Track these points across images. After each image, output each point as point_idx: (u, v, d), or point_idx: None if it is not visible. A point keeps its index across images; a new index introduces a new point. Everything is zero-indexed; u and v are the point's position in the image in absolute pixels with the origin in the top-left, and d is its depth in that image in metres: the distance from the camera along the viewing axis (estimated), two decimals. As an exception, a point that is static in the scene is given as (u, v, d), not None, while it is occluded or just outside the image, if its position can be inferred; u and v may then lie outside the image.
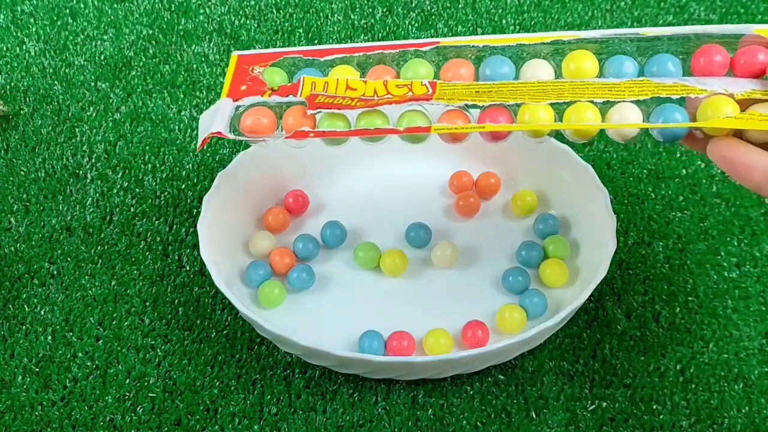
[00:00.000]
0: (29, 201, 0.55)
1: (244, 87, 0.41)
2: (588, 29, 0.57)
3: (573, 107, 0.37)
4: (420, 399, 0.45)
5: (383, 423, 0.44)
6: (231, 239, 0.51)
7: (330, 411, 0.45)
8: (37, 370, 0.46)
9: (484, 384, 0.45)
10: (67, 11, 0.69)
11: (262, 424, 0.44)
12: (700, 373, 0.46)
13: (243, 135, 0.40)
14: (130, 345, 0.47)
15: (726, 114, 0.35)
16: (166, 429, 0.44)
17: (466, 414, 0.44)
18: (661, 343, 0.47)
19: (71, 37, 0.67)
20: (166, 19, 0.69)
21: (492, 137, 0.39)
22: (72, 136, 0.59)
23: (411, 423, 0.44)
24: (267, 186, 0.54)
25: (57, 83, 0.63)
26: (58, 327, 0.48)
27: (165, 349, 0.47)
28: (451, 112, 0.38)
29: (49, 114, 0.61)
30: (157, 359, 0.47)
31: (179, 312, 0.49)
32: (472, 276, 0.50)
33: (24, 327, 0.48)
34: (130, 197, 0.55)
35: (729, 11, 0.69)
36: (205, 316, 0.49)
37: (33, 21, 0.69)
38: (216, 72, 0.64)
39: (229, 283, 0.47)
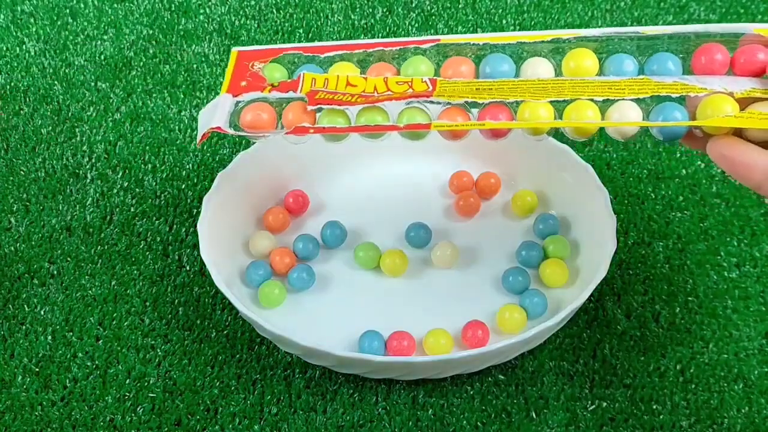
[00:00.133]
0: (29, 201, 0.55)
1: (243, 83, 0.40)
2: (588, 29, 0.57)
3: (573, 105, 0.37)
4: (420, 399, 0.45)
5: (383, 423, 0.44)
6: (231, 239, 0.51)
7: (330, 411, 0.45)
8: (37, 370, 0.46)
9: (484, 384, 0.45)
10: (67, 11, 0.69)
11: (262, 424, 0.44)
12: (700, 373, 0.46)
13: (243, 130, 0.40)
14: (130, 345, 0.47)
15: (725, 113, 0.35)
16: (166, 429, 0.44)
17: (466, 414, 0.44)
18: (661, 343, 0.47)
19: (71, 37, 0.67)
20: (166, 19, 0.69)
21: (492, 134, 0.39)
22: (72, 136, 0.59)
23: (411, 423, 0.44)
24: (267, 186, 0.54)
25: (57, 83, 0.63)
26: (58, 327, 0.48)
27: (165, 349, 0.47)
28: (451, 109, 0.38)
29: (49, 114, 0.61)
30: (157, 359, 0.47)
31: (179, 312, 0.49)
32: (472, 276, 0.50)
33: (24, 327, 0.48)
34: (130, 197, 0.55)
35: (729, 11, 0.69)
36: (205, 316, 0.49)
37: (33, 21, 0.69)
38: (216, 72, 0.64)
39: (229, 283, 0.47)
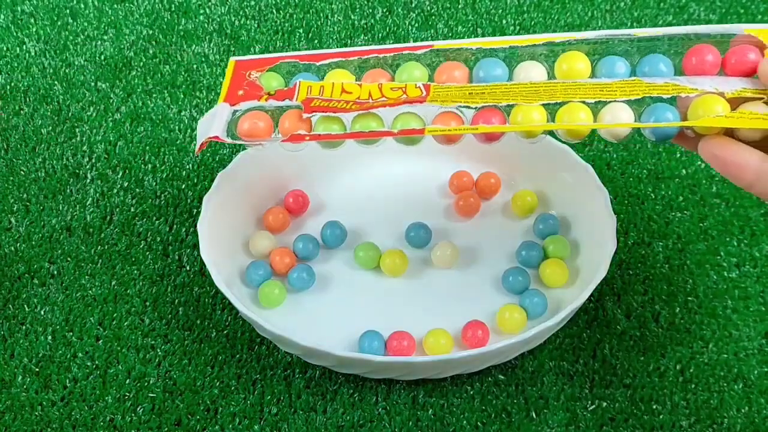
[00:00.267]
0: (29, 201, 0.55)
1: (241, 92, 0.41)
2: (588, 29, 0.57)
3: (565, 107, 0.37)
4: (420, 399, 0.45)
5: (383, 423, 0.44)
6: (231, 239, 0.51)
7: (330, 411, 0.45)
8: (37, 370, 0.46)
9: (484, 384, 0.45)
10: (67, 11, 0.69)
11: (262, 424, 0.44)
12: (699, 373, 0.46)
13: (240, 139, 0.40)
14: (130, 345, 0.47)
15: (716, 113, 0.35)
16: (166, 429, 0.44)
17: (466, 414, 0.44)
18: (661, 343, 0.47)
19: (71, 37, 0.67)
20: (166, 19, 0.69)
21: (486, 138, 0.39)
22: (72, 136, 0.59)
23: (411, 423, 0.44)
24: (267, 186, 0.54)
25: (57, 83, 0.63)
26: (58, 327, 0.48)
27: (165, 349, 0.47)
28: (445, 114, 0.39)
29: (49, 114, 0.61)
30: (157, 359, 0.47)
31: (179, 312, 0.49)
32: (472, 276, 0.50)
33: (24, 327, 0.48)
34: (130, 197, 0.55)
35: (729, 11, 0.69)
36: (205, 316, 0.49)
37: (33, 21, 0.69)
38: (216, 72, 0.64)
39: (229, 283, 0.47)
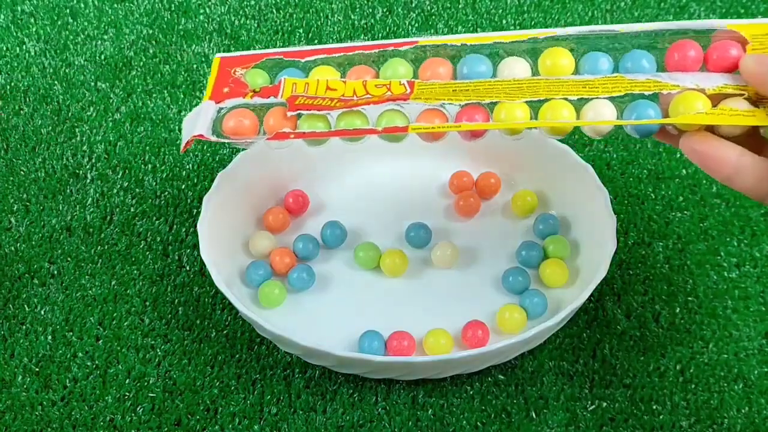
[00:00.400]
0: (29, 201, 0.55)
1: (226, 89, 0.41)
2: (564, 28, 0.57)
3: (548, 104, 0.38)
4: (420, 399, 0.45)
5: (383, 423, 0.44)
6: (231, 239, 0.51)
7: (330, 411, 0.45)
8: (37, 370, 0.46)
9: (484, 384, 0.45)
10: (67, 11, 0.69)
11: (262, 424, 0.44)
12: (699, 374, 0.46)
13: (225, 137, 0.40)
14: (130, 345, 0.47)
15: (697, 109, 0.35)
16: (166, 429, 0.44)
17: (466, 414, 0.44)
18: (661, 343, 0.47)
19: (71, 37, 0.67)
20: (166, 19, 0.69)
21: (470, 135, 0.40)
22: (72, 136, 0.59)
23: (411, 423, 0.44)
24: (267, 186, 0.54)
25: (57, 83, 0.63)
26: (58, 327, 0.48)
27: (165, 349, 0.47)
28: (429, 111, 0.39)
29: (49, 114, 0.61)
30: (157, 359, 0.47)
31: (179, 312, 0.49)
32: (472, 276, 0.50)
33: (24, 327, 0.48)
34: (130, 197, 0.55)
35: (729, 11, 0.69)
36: (205, 316, 0.49)
37: (33, 21, 0.69)
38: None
39: (229, 283, 0.47)
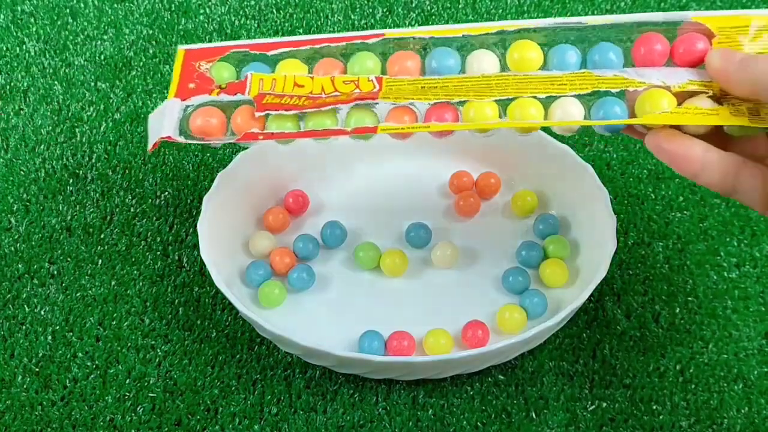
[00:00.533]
0: (29, 201, 0.55)
1: (192, 85, 0.41)
2: (533, 20, 0.57)
3: (516, 102, 0.38)
4: (420, 399, 0.45)
5: (384, 423, 0.44)
6: (231, 239, 0.51)
7: (330, 411, 0.45)
8: (37, 370, 0.46)
9: (484, 384, 0.45)
10: (67, 11, 0.69)
11: (262, 424, 0.44)
12: (699, 374, 0.46)
13: (193, 137, 0.40)
14: (130, 345, 0.47)
15: (662, 107, 0.36)
16: (166, 429, 0.44)
17: (466, 414, 0.44)
18: (661, 344, 0.47)
19: (71, 37, 0.67)
20: (166, 19, 0.69)
21: (439, 133, 0.40)
22: (72, 136, 0.59)
23: (411, 423, 0.44)
24: (267, 186, 0.54)
25: (57, 83, 0.63)
26: (58, 327, 0.48)
27: (165, 349, 0.47)
28: (398, 108, 0.39)
29: (49, 114, 0.61)
30: (158, 359, 0.47)
31: (179, 312, 0.49)
32: (472, 276, 0.50)
33: (24, 327, 0.48)
34: (130, 197, 0.55)
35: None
36: (205, 316, 0.49)
37: (33, 21, 0.69)
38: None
39: (229, 283, 0.47)
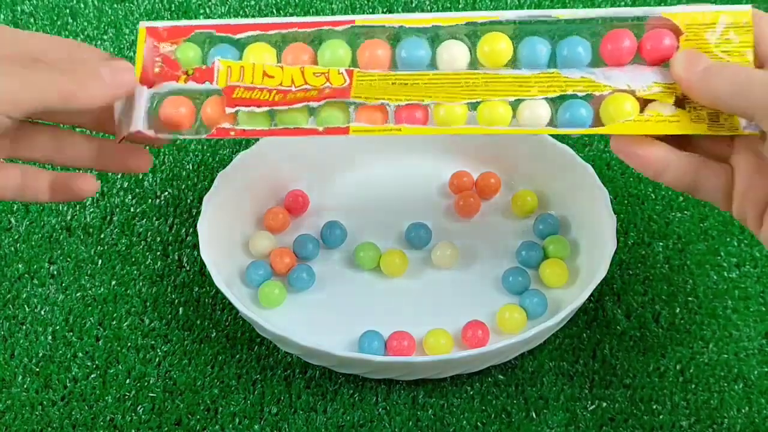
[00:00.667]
0: (29, 201, 0.55)
1: (157, 69, 0.40)
2: (503, 11, 0.56)
3: (486, 102, 0.38)
4: (420, 399, 0.45)
5: (383, 423, 0.44)
6: (231, 239, 0.51)
7: (330, 411, 0.45)
8: (37, 370, 0.46)
9: (484, 384, 0.46)
10: (67, 11, 0.69)
11: (262, 424, 0.44)
12: (699, 374, 0.46)
13: (163, 130, 0.39)
14: (130, 345, 0.47)
15: (626, 110, 0.37)
16: (166, 429, 0.44)
17: (466, 414, 0.44)
18: (661, 344, 0.47)
19: (71, 37, 0.67)
20: (166, 19, 0.69)
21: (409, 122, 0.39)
22: (72, 136, 0.59)
23: (411, 423, 0.44)
24: (267, 186, 0.54)
25: (57, 83, 0.63)
26: (58, 327, 0.48)
27: (165, 349, 0.47)
28: (370, 106, 0.39)
29: (49, 114, 0.61)
30: (157, 359, 0.47)
31: (179, 312, 0.49)
32: (472, 276, 0.50)
33: (24, 327, 0.48)
34: (130, 197, 0.55)
35: (729, 11, 0.69)
36: (205, 316, 0.49)
37: (33, 21, 0.69)
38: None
39: (229, 283, 0.47)
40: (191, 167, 0.57)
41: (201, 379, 0.46)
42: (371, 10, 0.69)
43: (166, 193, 0.55)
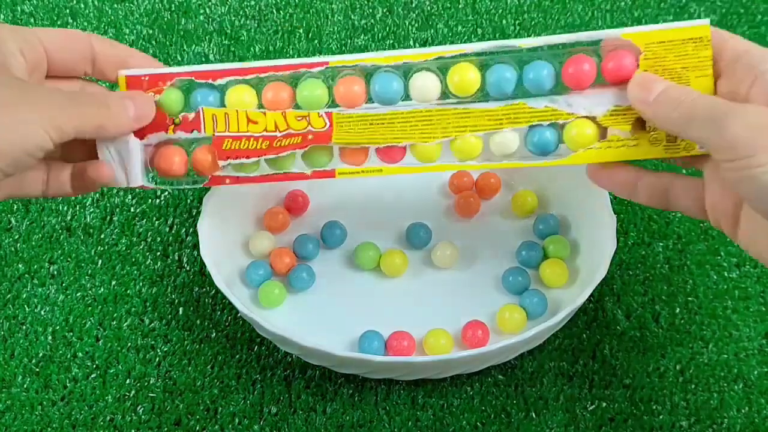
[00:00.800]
0: (29, 201, 0.55)
1: None
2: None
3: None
4: (420, 399, 0.45)
5: (383, 423, 0.44)
6: (231, 239, 0.51)
7: (330, 411, 0.45)
8: (37, 370, 0.46)
9: (484, 384, 0.46)
10: (67, 11, 0.69)
11: (262, 424, 0.44)
12: (699, 374, 0.46)
13: (163, 181, 0.42)
14: (130, 345, 0.47)
15: (587, 134, 0.39)
16: (166, 429, 0.44)
17: (466, 414, 0.44)
18: (661, 344, 0.47)
19: (71, 37, 0.67)
20: (166, 19, 0.69)
21: (387, 160, 0.42)
22: (72, 136, 0.59)
23: (411, 423, 0.44)
24: (267, 186, 0.53)
25: (57, 83, 0.63)
26: (58, 327, 0.48)
27: (165, 349, 0.47)
28: (351, 150, 0.41)
29: (49, 114, 0.61)
30: (157, 359, 0.47)
31: (179, 312, 0.49)
32: (472, 276, 0.50)
33: (24, 327, 0.48)
34: (130, 197, 0.55)
35: (729, 11, 0.69)
36: (205, 316, 0.49)
37: (33, 21, 0.69)
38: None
39: (229, 283, 0.47)
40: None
41: (201, 379, 0.46)
42: (371, 10, 0.69)
43: (166, 193, 0.55)
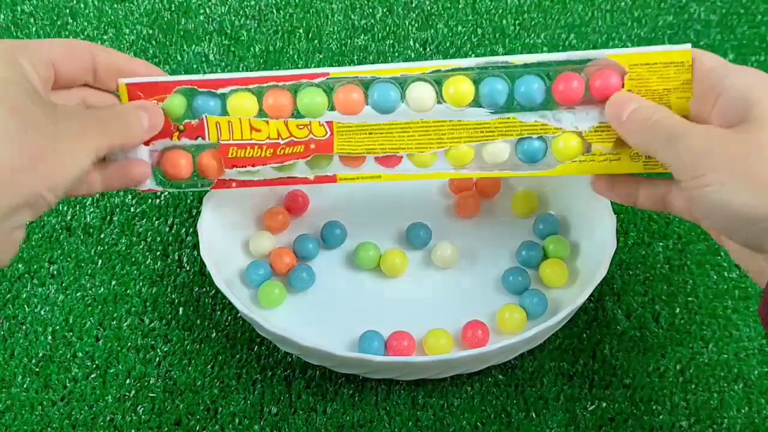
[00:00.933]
0: (29, 201, 0.55)
1: None
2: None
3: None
4: (420, 399, 0.45)
5: (383, 423, 0.44)
6: (231, 239, 0.51)
7: (330, 411, 0.45)
8: (37, 370, 0.46)
9: (484, 384, 0.46)
10: (67, 11, 0.69)
11: (262, 424, 0.44)
12: (699, 374, 0.46)
13: (169, 184, 0.43)
14: (130, 345, 0.47)
15: (572, 147, 0.41)
16: (166, 429, 0.44)
17: (466, 414, 0.44)
18: (661, 344, 0.47)
19: (71, 37, 0.67)
20: (166, 19, 0.69)
21: (384, 165, 0.44)
22: (72, 136, 0.59)
23: (411, 423, 0.44)
24: (267, 186, 0.53)
25: (57, 83, 0.63)
26: (58, 327, 0.48)
27: (165, 349, 0.47)
28: (352, 157, 0.43)
29: (49, 114, 0.61)
30: (157, 359, 0.47)
31: (179, 312, 0.49)
32: (472, 276, 0.50)
33: (24, 327, 0.48)
34: (130, 197, 0.55)
35: (729, 11, 0.69)
36: (205, 316, 0.49)
37: (33, 21, 0.69)
38: (216, 72, 0.64)
39: (229, 283, 0.47)
40: (191, 167, 0.57)
41: (201, 379, 0.46)
42: (371, 10, 0.69)
43: (166, 193, 0.55)
